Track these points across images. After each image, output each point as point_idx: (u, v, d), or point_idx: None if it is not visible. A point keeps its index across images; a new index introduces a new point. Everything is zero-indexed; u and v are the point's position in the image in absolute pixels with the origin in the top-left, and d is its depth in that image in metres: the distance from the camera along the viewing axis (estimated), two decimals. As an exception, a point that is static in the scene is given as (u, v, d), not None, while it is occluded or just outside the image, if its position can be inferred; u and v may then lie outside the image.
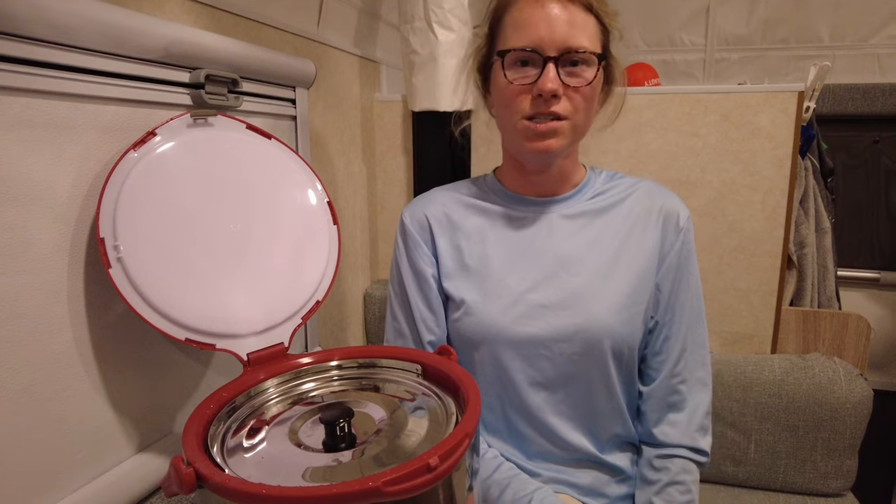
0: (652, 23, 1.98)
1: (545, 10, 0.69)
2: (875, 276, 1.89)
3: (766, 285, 1.18)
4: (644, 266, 0.76)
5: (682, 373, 0.78)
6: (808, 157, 1.45)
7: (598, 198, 0.80)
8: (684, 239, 0.78)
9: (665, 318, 0.78)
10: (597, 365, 0.75)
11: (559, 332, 0.74)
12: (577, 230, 0.78)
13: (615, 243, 0.77)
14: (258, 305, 0.68)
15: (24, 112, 0.55)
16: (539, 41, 0.69)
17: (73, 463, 0.62)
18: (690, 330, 0.78)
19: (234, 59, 0.78)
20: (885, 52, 1.79)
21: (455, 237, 0.81)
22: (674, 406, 0.78)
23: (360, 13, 1.25)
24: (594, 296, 0.75)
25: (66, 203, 0.60)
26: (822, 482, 1.09)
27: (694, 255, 0.79)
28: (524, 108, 0.71)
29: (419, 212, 0.83)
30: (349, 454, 0.50)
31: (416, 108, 1.21)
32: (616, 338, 0.74)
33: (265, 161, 0.76)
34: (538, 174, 0.78)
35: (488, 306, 0.76)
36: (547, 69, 0.68)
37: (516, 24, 0.71)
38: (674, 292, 0.78)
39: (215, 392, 0.57)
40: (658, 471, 0.76)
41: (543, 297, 0.75)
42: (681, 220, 0.78)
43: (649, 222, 0.78)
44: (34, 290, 0.57)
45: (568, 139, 0.72)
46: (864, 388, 1.05)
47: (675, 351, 0.78)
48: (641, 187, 0.81)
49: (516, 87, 0.71)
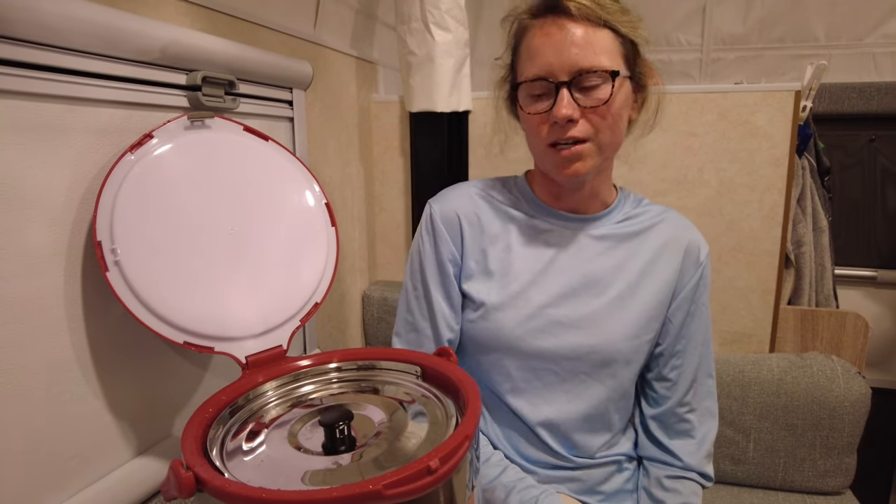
0: (648, 22, 1.97)
1: (554, 35, 0.69)
2: (872, 275, 1.89)
3: (765, 284, 1.18)
4: (660, 297, 0.78)
5: (692, 402, 0.80)
6: (805, 156, 1.45)
7: (626, 222, 0.80)
8: (702, 274, 0.79)
9: (676, 349, 0.80)
10: (600, 383, 0.77)
11: (572, 351, 0.76)
12: (603, 252, 0.78)
13: (637, 270, 0.78)
14: (256, 308, 0.68)
15: (20, 115, 0.54)
16: (549, 68, 0.68)
17: (70, 467, 0.61)
18: (701, 361, 0.80)
19: (231, 61, 0.77)
20: (880, 50, 1.79)
21: (482, 239, 0.80)
22: (684, 433, 0.81)
23: (356, 14, 1.25)
24: (611, 320, 0.76)
25: (62, 206, 0.59)
26: (821, 480, 1.09)
27: (708, 290, 0.81)
28: (546, 136, 0.71)
29: (449, 207, 0.81)
30: (349, 457, 0.50)
31: (414, 109, 1.21)
32: (623, 362, 0.77)
33: (263, 163, 0.75)
34: (570, 191, 0.78)
35: (506, 314, 0.76)
36: (560, 95, 0.68)
37: (529, 54, 0.71)
38: (686, 324, 0.79)
39: (214, 395, 0.57)
40: (668, 491, 0.78)
41: (561, 315, 0.76)
42: (701, 255, 0.80)
43: (671, 254, 0.79)
44: (31, 294, 0.56)
45: (595, 160, 0.72)
46: (862, 387, 1.05)
47: (686, 381, 0.80)
48: (668, 218, 0.82)
49: (535, 118, 0.71)
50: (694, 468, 0.79)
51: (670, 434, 0.81)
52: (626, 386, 0.80)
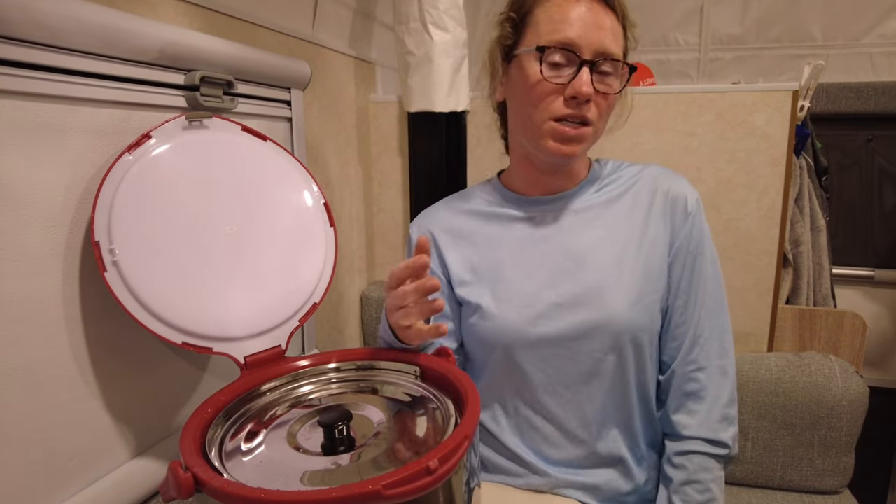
0: (646, 23, 1.98)
1: (582, 10, 0.68)
2: (869, 274, 1.90)
3: (763, 284, 1.18)
4: (656, 254, 0.76)
5: (699, 360, 0.75)
6: (802, 156, 1.46)
7: (604, 189, 0.79)
8: (693, 223, 0.76)
9: (676, 303, 0.76)
10: (619, 360, 0.74)
11: (578, 330, 0.73)
12: (585, 224, 0.77)
13: (625, 235, 0.76)
14: (255, 308, 0.68)
15: (18, 115, 0.54)
16: (576, 41, 0.67)
17: (68, 468, 0.61)
18: (707, 316, 0.76)
19: (229, 61, 0.77)
20: (877, 50, 1.80)
21: (464, 247, 0.81)
22: (692, 395, 0.76)
23: (354, 14, 1.25)
24: (609, 290, 0.74)
25: (60, 207, 0.59)
26: (820, 479, 1.09)
27: (707, 240, 0.77)
28: (555, 109, 0.69)
29: (423, 227, 0.84)
30: (348, 457, 0.50)
31: (412, 109, 1.21)
32: (635, 330, 0.73)
33: (261, 163, 0.75)
34: (549, 174, 0.78)
35: (503, 309, 0.76)
36: (582, 72, 0.67)
37: (552, 19, 0.69)
38: (685, 277, 0.76)
39: (213, 396, 0.57)
40: (676, 468, 0.75)
41: (557, 296, 0.75)
42: (689, 204, 0.76)
43: (658, 209, 0.77)
44: (29, 294, 0.56)
45: (588, 144, 0.73)
46: (859, 386, 1.05)
47: (689, 336, 0.76)
48: (646, 174, 0.80)
49: (549, 86, 0.69)
50: (702, 436, 0.74)
51: (678, 398, 0.76)
52: (650, 358, 0.76)
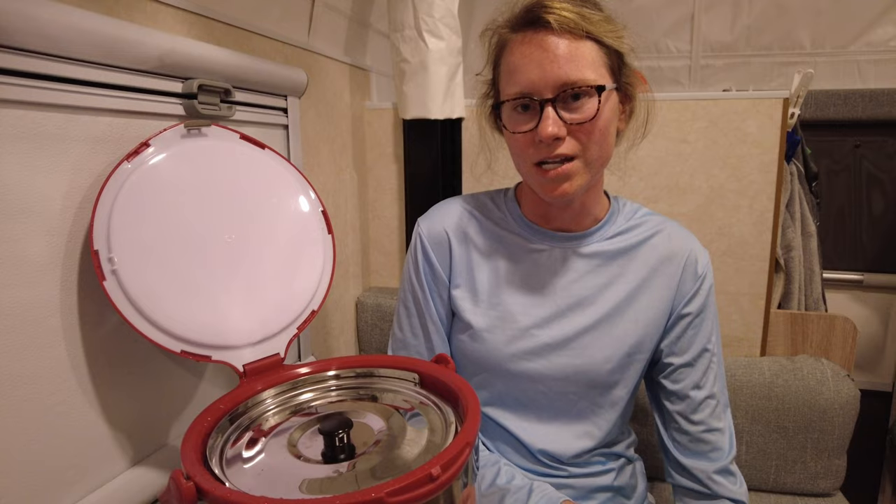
0: (637, 30, 1.99)
1: (535, 50, 0.65)
2: (859, 278, 1.92)
3: (755, 289, 1.19)
4: (654, 316, 0.76)
5: (709, 421, 0.76)
6: (793, 162, 1.47)
7: (618, 237, 0.78)
8: (701, 285, 0.76)
9: (682, 362, 0.77)
10: (590, 402, 0.77)
11: (558, 371, 0.75)
12: (591, 270, 0.76)
13: (628, 289, 0.76)
14: (254, 316, 0.68)
15: (17, 124, 0.54)
16: (531, 84, 0.65)
17: (66, 478, 0.61)
18: (717, 380, 0.78)
19: (227, 69, 0.78)
20: (863, 58, 1.83)
21: (470, 258, 0.79)
22: (703, 454, 0.77)
23: (349, 22, 1.25)
24: (597, 341, 0.75)
25: (59, 215, 0.59)
26: (812, 482, 1.10)
27: (712, 298, 0.78)
28: (531, 156, 0.68)
29: (437, 225, 0.80)
30: (348, 465, 0.50)
31: (407, 117, 1.21)
32: (612, 384, 0.76)
33: (259, 171, 0.75)
34: (559, 209, 0.76)
35: (494, 336, 0.76)
36: (545, 113, 0.64)
37: (510, 70, 0.68)
38: (688, 337, 0.76)
39: (212, 404, 0.57)
40: None
41: (549, 336, 0.75)
42: (699, 266, 0.76)
43: (669, 269, 0.76)
44: (27, 303, 0.56)
45: (583, 177, 0.69)
46: (851, 389, 1.06)
47: (699, 395, 0.76)
48: (664, 231, 0.78)
49: (520, 137, 0.68)
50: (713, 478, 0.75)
51: (692, 452, 0.77)
52: (622, 405, 0.78)
